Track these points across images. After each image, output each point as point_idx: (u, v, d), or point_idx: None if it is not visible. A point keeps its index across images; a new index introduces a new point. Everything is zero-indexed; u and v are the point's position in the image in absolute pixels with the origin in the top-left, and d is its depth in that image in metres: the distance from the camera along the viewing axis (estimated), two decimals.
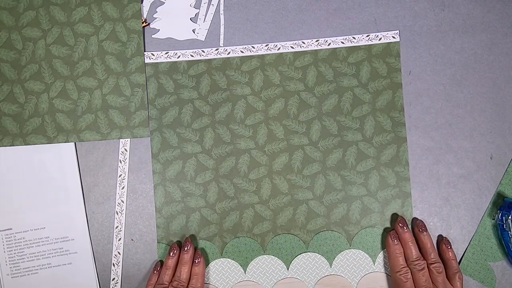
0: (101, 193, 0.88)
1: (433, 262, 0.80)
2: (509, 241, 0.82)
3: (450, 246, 0.83)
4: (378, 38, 0.87)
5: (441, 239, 0.85)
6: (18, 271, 0.87)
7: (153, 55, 0.89)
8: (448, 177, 0.86)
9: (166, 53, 0.89)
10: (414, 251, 0.81)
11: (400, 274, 0.80)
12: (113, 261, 0.87)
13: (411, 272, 0.80)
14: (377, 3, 0.89)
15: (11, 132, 0.88)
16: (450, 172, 0.86)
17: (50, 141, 0.88)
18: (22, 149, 0.88)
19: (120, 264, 0.87)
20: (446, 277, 0.81)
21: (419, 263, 0.80)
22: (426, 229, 0.83)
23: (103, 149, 0.89)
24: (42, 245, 0.87)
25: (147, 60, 0.89)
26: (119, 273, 0.87)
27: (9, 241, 0.87)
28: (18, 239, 0.87)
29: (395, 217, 0.86)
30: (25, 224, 0.87)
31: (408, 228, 0.83)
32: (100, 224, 0.88)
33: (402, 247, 0.82)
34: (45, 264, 0.87)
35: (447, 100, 0.87)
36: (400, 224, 0.83)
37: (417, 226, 0.83)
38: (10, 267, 0.87)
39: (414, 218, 0.86)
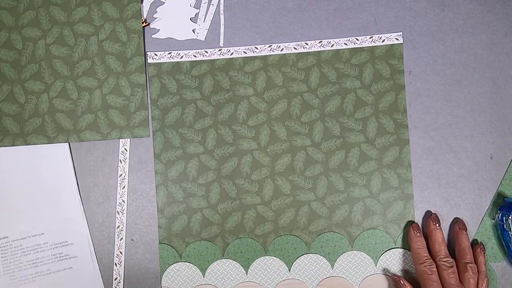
0: (101, 193, 0.88)
1: (469, 262, 0.80)
2: (509, 241, 0.83)
3: (484, 250, 0.83)
4: (382, 40, 0.87)
5: (476, 243, 0.85)
6: (14, 281, 0.86)
7: (156, 55, 0.88)
8: (448, 177, 0.87)
9: (169, 53, 0.88)
10: (443, 249, 0.81)
11: (425, 266, 0.79)
12: (115, 261, 0.87)
13: (438, 268, 0.80)
14: (377, 3, 0.89)
15: (12, 132, 0.87)
16: (450, 172, 0.87)
17: (50, 141, 0.87)
18: (18, 152, 0.87)
19: (122, 264, 0.87)
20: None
21: (448, 260, 0.79)
22: (466, 229, 0.83)
23: (103, 149, 0.88)
24: (40, 251, 0.86)
25: (150, 60, 0.89)
26: (121, 273, 0.87)
27: (5, 250, 0.86)
28: (14, 247, 0.86)
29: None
30: (22, 231, 0.86)
31: (440, 225, 0.83)
32: (101, 224, 0.88)
33: (430, 243, 0.82)
34: (44, 271, 0.86)
35: (447, 100, 0.87)
36: (433, 221, 0.83)
37: (458, 225, 0.83)
38: (5, 278, 0.86)
39: (456, 217, 0.86)
